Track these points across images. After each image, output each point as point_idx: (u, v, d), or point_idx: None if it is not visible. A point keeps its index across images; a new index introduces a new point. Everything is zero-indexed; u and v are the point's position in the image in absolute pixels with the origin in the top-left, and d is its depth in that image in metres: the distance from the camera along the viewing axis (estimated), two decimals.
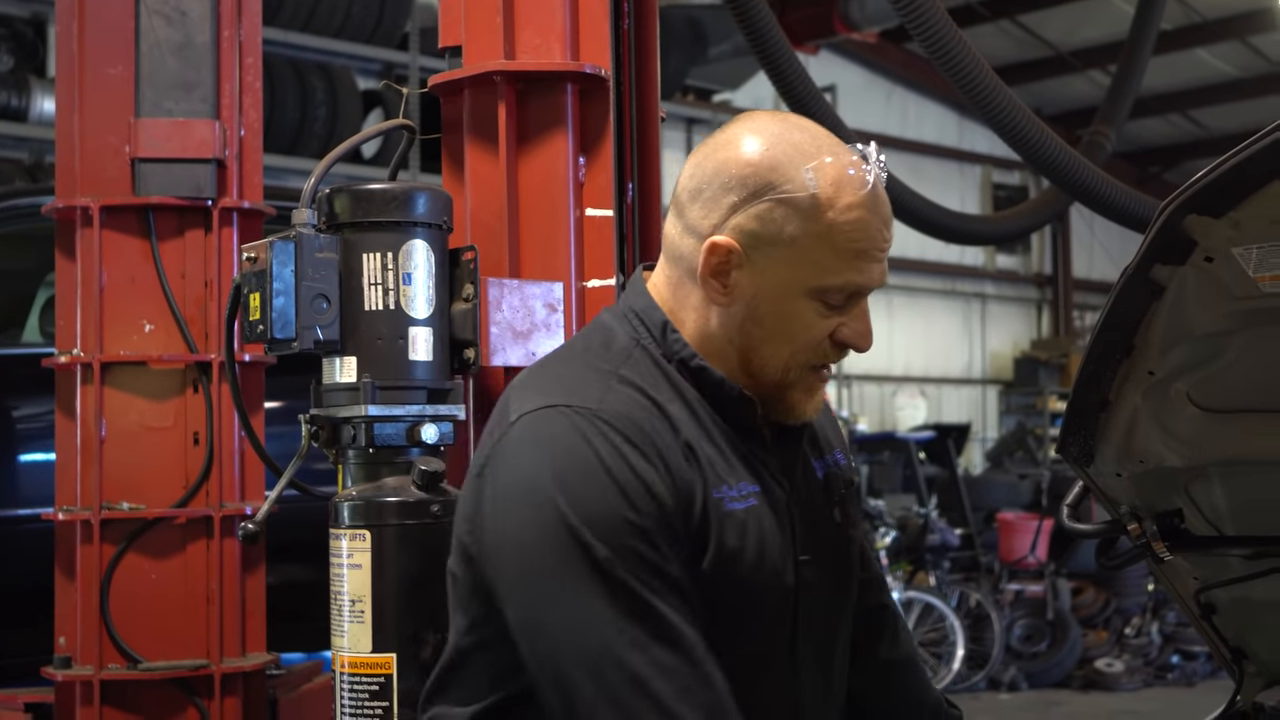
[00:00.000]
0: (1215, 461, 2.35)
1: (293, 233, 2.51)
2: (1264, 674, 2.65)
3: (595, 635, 1.69)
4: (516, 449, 1.81)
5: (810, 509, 1.97)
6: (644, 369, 1.87)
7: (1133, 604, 11.96)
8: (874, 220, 1.83)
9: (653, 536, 1.72)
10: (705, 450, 1.83)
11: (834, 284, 1.84)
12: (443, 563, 2.48)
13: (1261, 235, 1.91)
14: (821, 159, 1.83)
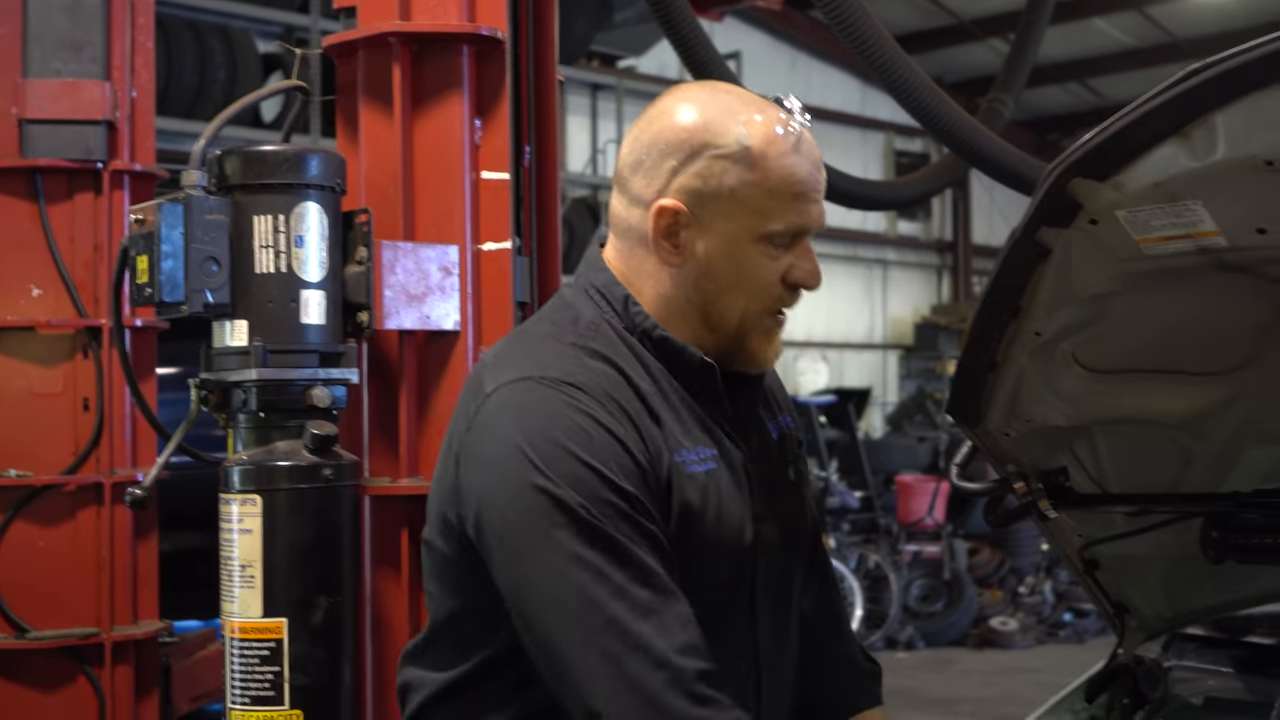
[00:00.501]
0: (1099, 421, 2.39)
1: (182, 195, 2.47)
2: (1144, 627, 2.72)
3: (578, 587, 1.74)
4: (495, 420, 1.85)
5: (767, 469, 2.03)
6: (610, 342, 1.93)
7: (1027, 564, 12.20)
8: (805, 163, 1.92)
9: (629, 493, 1.78)
10: (667, 417, 1.90)
11: (778, 228, 1.91)
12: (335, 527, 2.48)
13: (1144, 198, 1.95)
14: (751, 114, 1.92)
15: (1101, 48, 18.19)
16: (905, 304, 20.59)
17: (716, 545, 1.89)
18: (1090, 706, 2.68)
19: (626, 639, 1.73)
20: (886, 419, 18.14)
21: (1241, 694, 2.63)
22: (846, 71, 18.51)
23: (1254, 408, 2.31)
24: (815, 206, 1.94)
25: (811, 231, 1.96)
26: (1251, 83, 1.72)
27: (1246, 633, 2.82)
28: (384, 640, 2.67)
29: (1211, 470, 2.43)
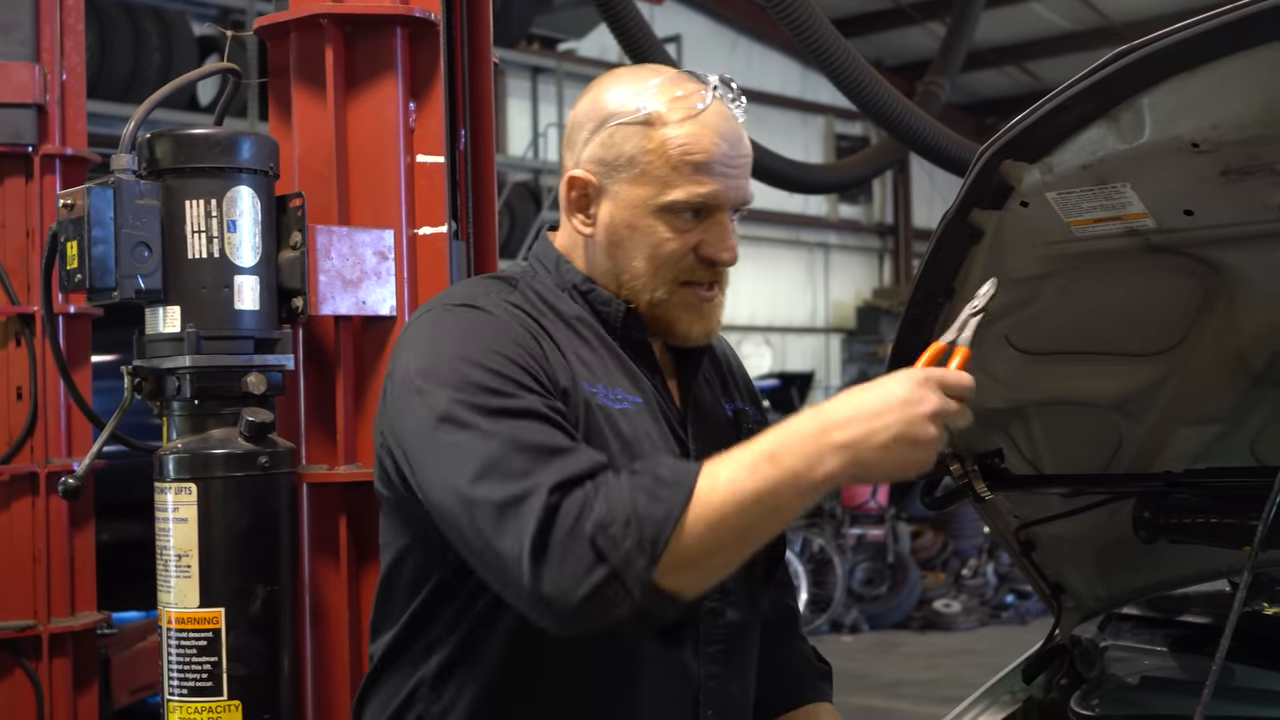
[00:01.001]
0: (1033, 402, 2.42)
1: (111, 179, 2.43)
2: (1080, 608, 2.75)
3: (459, 474, 1.75)
4: (403, 350, 1.92)
5: (710, 437, 2.03)
6: (530, 298, 1.98)
7: (969, 546, 12.31)
8: (708, 135, 1.92)
9: (516, 377, 1.80)
10: (586, 357, 1.93)
11: (676, 199, 1.92)
12: (272, 515, 2.46)
13: (1074, 181, 1.97)
14: (659, 84, 1.95)
15: (1038, 31, 18.32)
16: (847, 287, 20.68)
17: None
18: (1028, 687, 2.71)
19: (497, 504, 1.71)
20: None
21: (1176, 673, 2.66)
22: (787, 55, 18.54)
23: (1184, 388, 2.34)
24: (721, 181, 1.93)
25: (721, 207, 1.95)
26: (1177, 65, 1.74)
27: (1181, 612, 2.86)
28: (323, 629, 2.66)
29: (1143, 451, 2.46)
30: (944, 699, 2.68)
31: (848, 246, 20.68)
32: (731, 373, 2.23)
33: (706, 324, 2.01)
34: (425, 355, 1.87)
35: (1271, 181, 1.87)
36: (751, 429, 2.13)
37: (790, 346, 19.57)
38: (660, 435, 1.97)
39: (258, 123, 8.78)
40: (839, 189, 13.97)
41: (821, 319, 20.25)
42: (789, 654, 2.25)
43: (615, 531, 1.66)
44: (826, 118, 19.76)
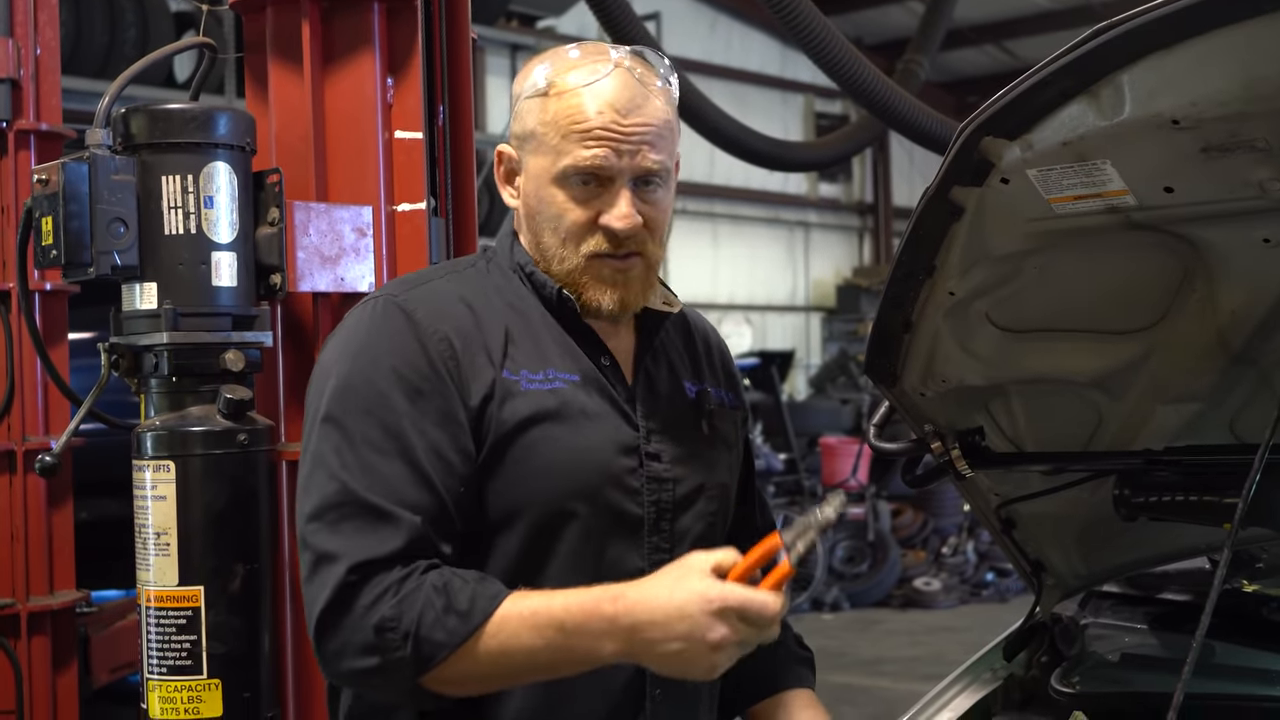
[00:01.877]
0: (1014, 380, 2.41)
1: (87, 154, 2.42)
2: (1061, 585, 2.75)
3: (305, 495, 1.89)
4: (330, 339, 2.01)
5: (669, 413, 2.06)
6: (479, 278, 2.03)
7: (950, 524, 12.33)
8: (596, 103, 1.94)
9: (397, 402, 1.88)
10: (521, 342, 1.97)
11: (566, 166, 1.95)
12: (251, 492, 2.45)
13: (1054, 158, 1.96)
14: (561, 57, 1.99)
15: (1018, 10, 18.31)
16: (827, 266, 20.68)
17: (557, 459, 1.93)
18: (1009, 664, 2.71)
19: (312, 552, 1.85)
20: (810, 381, 18.24)
21: (1156, 650, 2.67)
22: (767, 33, 18.48)
23: (1164, 366, 2.34)
24: (608, 147, 1.94)
25: (613, 175, 1.95)
26: (1156, 42, 1.73)
27: (1160, 590, 2.87)
28: (303, 607, 2.64)
29: (1124, 429, 2.46)
30: (925, 676, 2.69)
31: (828, 225, 20.66)
32: (709, 354, 2.22)
33: (620, 294, 2.01)
34: (339, 359, 1.94)
35: (1252, 158, 1.87)
36: (713, 410, 2.14)
37: (770, 325, 19.56)
38: (602, 412, 1.99)
39: (235, 99, 8.73)
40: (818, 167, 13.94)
41: (802, 297, 20.24)
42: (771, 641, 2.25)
43: (393, 638, 1.78)
44: (806, 96, 19.71)
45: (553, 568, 1.93)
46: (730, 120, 6.47)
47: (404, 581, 1.80)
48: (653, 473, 2.01)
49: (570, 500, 1.94)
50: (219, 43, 2.77)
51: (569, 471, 1.94)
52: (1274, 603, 2.66)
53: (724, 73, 17.75)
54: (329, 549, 1.83)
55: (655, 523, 2.01)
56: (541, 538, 1.93)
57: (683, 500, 2.04)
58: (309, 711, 2.65)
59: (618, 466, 1.98)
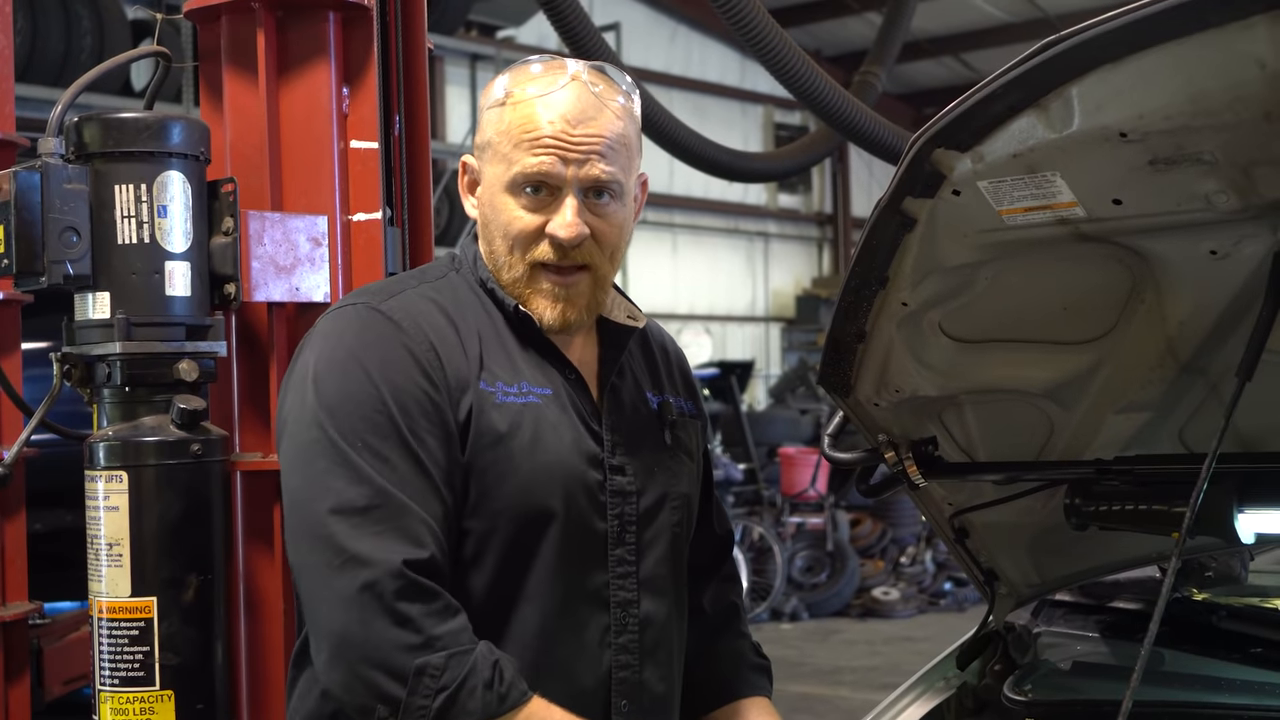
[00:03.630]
0: (967, 390, 2.43)
1: (38, 163, 2.40)
2: (1013, 594, 2.77)
3: (312, 503, 1.86)
4: (309, 343, 1.99)
5: (632, 426, 2.08)
6: (452, 289, 2.04)
7: (908, 534, 12.40)
8: (547, 113, 1.96)
9: (395, 413, 1.88)
10: (494, 355, 1.98)
11: (516, 173, 1.98)
12: (205, 503, 2.44)
13: (1004, 169, 1.98)
14: (521, 69, 2.03)
15: (975, 22, 18.45)
16: (787, 276, 20.75)
17: (534, 473, 1.95)
18: (962, 673, 2.73)
19: (340, 555, 1.81)
20: (769, 391, 18.29)
21: (1107, 658, 2.70)
22: (726, 44, 18.55)
23: (1115, 376, 2.36)
24: (556, 156, 1.96)
25: (560, 184, 1.97)
26: (1105, 55, 1.75)
27: (1112, 598, 2.90)
28: (257, 617, 2.64)
29: (1075, 438, 2.48)
30: (883, 685, 2.71)
31: (787, 235, 20.74)
32: (668, 365, 2.24)
33: (560, 309, 2.02)
34: (326, 364, 1.93)
35: (1198, 171, 1.89)
36: (675, 420, 2.16)
37: (730, 335, 19.61)
38: (570, 426, 2.00)
39: (193, 108, 8.69)
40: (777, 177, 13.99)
41: (761, 308, 20.30)
42: (728, 650, 2.27)
43: (429, 685, 1.79)
44: (766, 107, 19.79)
45: (530, 583, 1.94)
46: (689, 131, 6.49)
47: (459, 632, 1.82)
48: (616, 486, 2.02)
49: (543, 515, 1.95)
50: (175, 51, 2.76)
51: (542, 486, 1.95)
52: (1222, 611, 2.69)
53: (683, 83, 17.80)
54: (360, 550, 1.81)
55: (619, 536, 2.02)
56: (516, 552, 1.94)
57: (646, 513, 2.06)
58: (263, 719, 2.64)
59: (587, 480, 1.99)
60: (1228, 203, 1.93)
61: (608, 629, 2.01)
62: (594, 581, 2.00)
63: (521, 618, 1.91)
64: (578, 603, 1.98)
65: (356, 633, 1.80)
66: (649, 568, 2.05)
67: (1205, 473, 2.05)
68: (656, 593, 2.06)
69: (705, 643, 2.21)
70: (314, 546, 1.84)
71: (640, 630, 2.04)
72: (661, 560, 2.07)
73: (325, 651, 1.84)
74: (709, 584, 2.27)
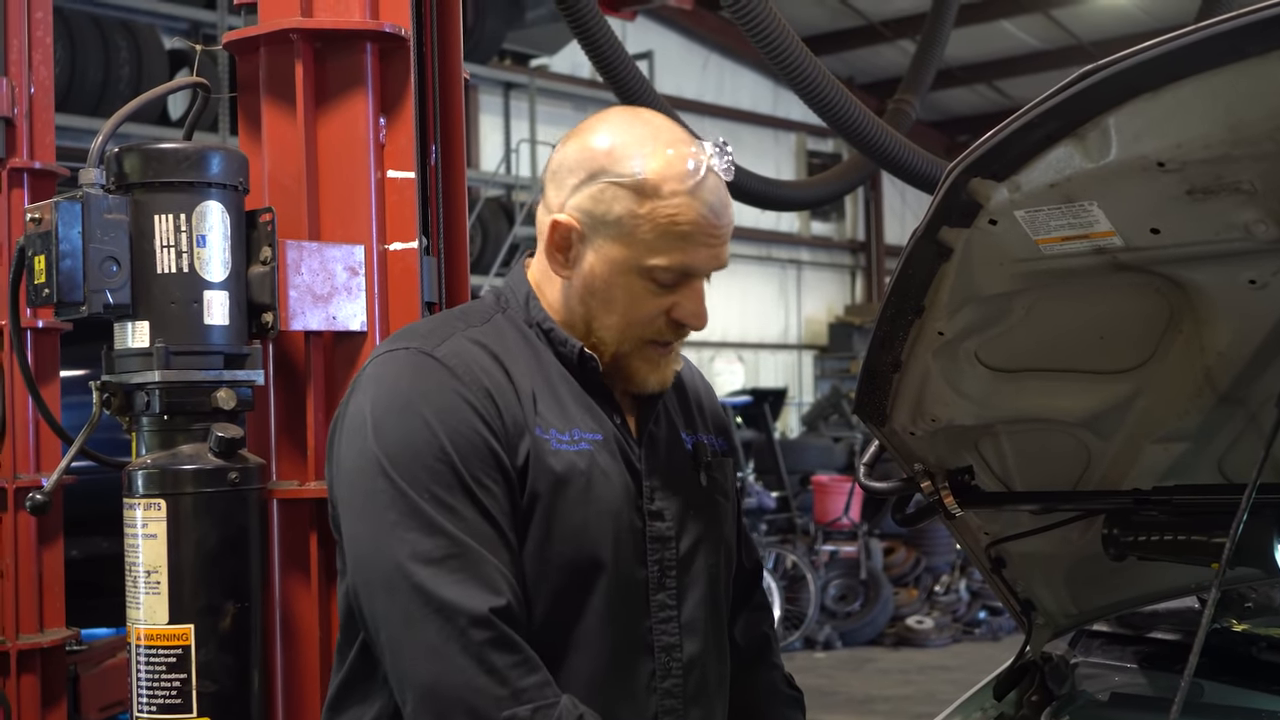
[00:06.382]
0: (1003, 420, 2.42)
1: (79, 193, 2.43)
2: (1050, 624, 2.75)
3: (387, 552, 1.85)
4: (361, 387, 1.98)
5: (669, 469, 2.09)
6: (499, 332, 2.03)
7: (942, 562, 12.33)
8: (698, 205, 1.97)
9: (457, 462, 1.87)
10: (545, 400, 1.98)
11: (659, 264, 1.97)
12: (242, 531, 2.45)
13: (1041, 199, 1.97)
14: (658, 148, 1.98)
15: (1008, 50, 18.44)
16: (819, 304, 20.74)
17: (586, 521, 1.95)
18: (999, 704, 2.71)
19: (427, 605, 1.81)
20: (802, 419, 18.26)
21: (1146, 689, 2.67)
22: (759, 72, 18.59)
23: (1152, 406, 2.35)
24: (705, 250, 2.00)
25: (702, 274, 2.02)
26: (1142, 85, 1.75)
27: (1150, 629, 2.87)
28: (294, 645, 2.64)
29: (1113, 468, 2.46)
30: (916, 715, 2.70)
31: (819, 263, 20.74)
32: (699, 403, 2.25)
33: (662, 376, 2.08)
34: (384, 410, 1.92)
35: (1236, 200, 1.88)
36: (710, 461, 2.17)
37: (763, 363, 19.60)
38: (619, 473, 2.01)
39: (229, 137, 8.77)
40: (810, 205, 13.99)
41: (794, 335, 20.29)
42: (760, 682, 2.27)
43: None
44: (798, 134, 19.82)
45: (579, 631, 1.95)
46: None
47: (544, 685, 1.82)
48: (655, 532, 2.03)
49: (590, 565, 1.96)
50: (213, 82, 2.79)
51: (592, 536, 1.96)
52: (1262, 642, 2.66)
53: (716, 111, 17.85)
54: (447, 598, 1.81)
55: (660, 581, 2.03)
56: (563, 603, 1.94)
57: (685, 557, 2.06)
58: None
59: (631, 528, 2.00)
60: (1267, 232, 1.92)
61: (653, 674, 2.01)
62: (637, 627, 2.01)
63: (571, 666, 1.91)
64: (624, 650, 1.98)
65: (445, 683, 1.80)
66: (689, 611, 2.06)
67: (1245, 503, 2.04)
68: (698, 635, 2.07)
69: (737, 674, 2.20)
70: (394, 596, 1.84)
71: (684, 674, 2.04)
72: (701, 602, 2.07)
73: (412, 701, 1.84)
74: (740, 615, 2.27)
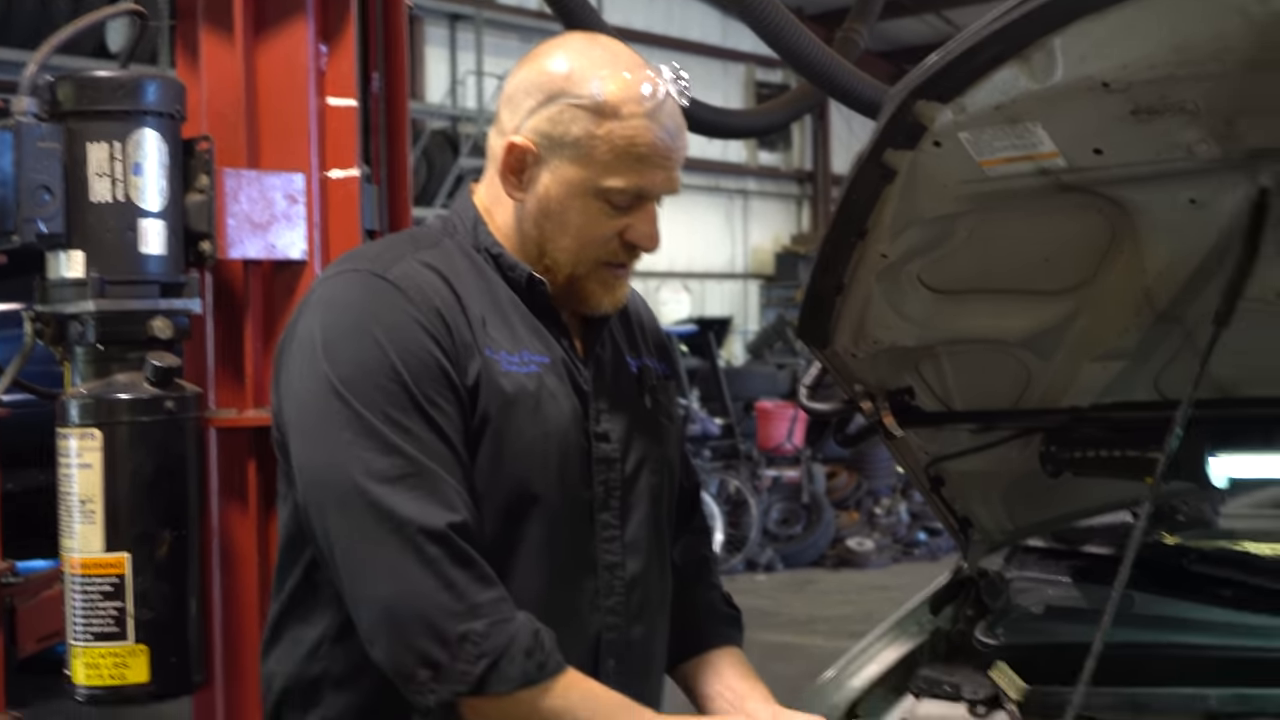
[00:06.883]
0: (944, 340, 2.44)
1: (11, 121, 2.38)
2: (987, 541, 2.79)
3: (342, 472, 1.84)
4: (310, 309, 1.96)
5: (615, 392, 2.10)
6: (448, 256, 2.02)
7: (883, 486, 12.48)
8: (655, 128, 1.96)
9: (410, 382, 1.86)
10: (494, 322, 1.98)
11: (615, 185, 1.97)
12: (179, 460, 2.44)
13: (986, 121, 1.98)
14: (613, 71, 1.98)
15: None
16: (766, 233, 20.75)
17: (534, 442, 1.96)
18: (935, 619, 2.75)
19: (384, 522, 1.81)
20: (747, 347, 18.32)
21: (1079, 602, 2.72)
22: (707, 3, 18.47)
23: (1092, 325, 2.37)
24: (660, 173, 1.99)
25: (655, 196, 2.01)
26: (1088, 6, 1.75)
27: (1084, 543, 2.92)
28: (232, 571, 2.64)
29: (1052, 387, 2.49)
30: (856, 634, 2.72)
31: (766, 193, 20.73)
32: (641, 327, 2.25)
33: (615, 297, 2.08)
34: (335, 332, 1.90)
35: (1180, 120, 1.89)
36: (654, 384, 2.19)
37: (709, 292, 19.63)
38: (566, 395, 2.01)
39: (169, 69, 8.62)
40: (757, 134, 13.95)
41: (740, 265, 20.31)
42: (699, 601, 2.29)
43: (471, 651, 1.80)
44: (747, 66, 19.75)
45: (522, 552, 1.95)
46: None
47: (500, 601, 1.84)
48: (601, 454, 2.04)
49: (537, 484, 1.96)
50: (152, 10, 2.73)
51: (539, 456, 1.96)
52: (1193, 554, 2.71)
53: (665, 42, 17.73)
54: (405, 515, 1.81)
55: (605, 501, 2.04)
56: (510, 522, 1.95)
57: (630, 478, 2.08)
58: (238, 677, 2.65)
59: (578, 449, 2.01)
60: (1209, 151, 1.94)
61: (596, 592, 2.03)
62: (582, 546, 2.02)
63: (516, 584, 1.91)
64: (568, 568, 2.00)
65: (403, 598, 1.80)
66: (633, 530, 2.07)
67: (1180, 419, 2.07)
68: (641, 554, 2.08)
69: (677, 594, 2.22)
70: (349, 514, 1.84)
71: (627, 592, 2.05)
72: (644, 522, 2.09)
73: (368, 618, 1.84)
74: (680, 538, 2.28)
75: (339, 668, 1.96)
